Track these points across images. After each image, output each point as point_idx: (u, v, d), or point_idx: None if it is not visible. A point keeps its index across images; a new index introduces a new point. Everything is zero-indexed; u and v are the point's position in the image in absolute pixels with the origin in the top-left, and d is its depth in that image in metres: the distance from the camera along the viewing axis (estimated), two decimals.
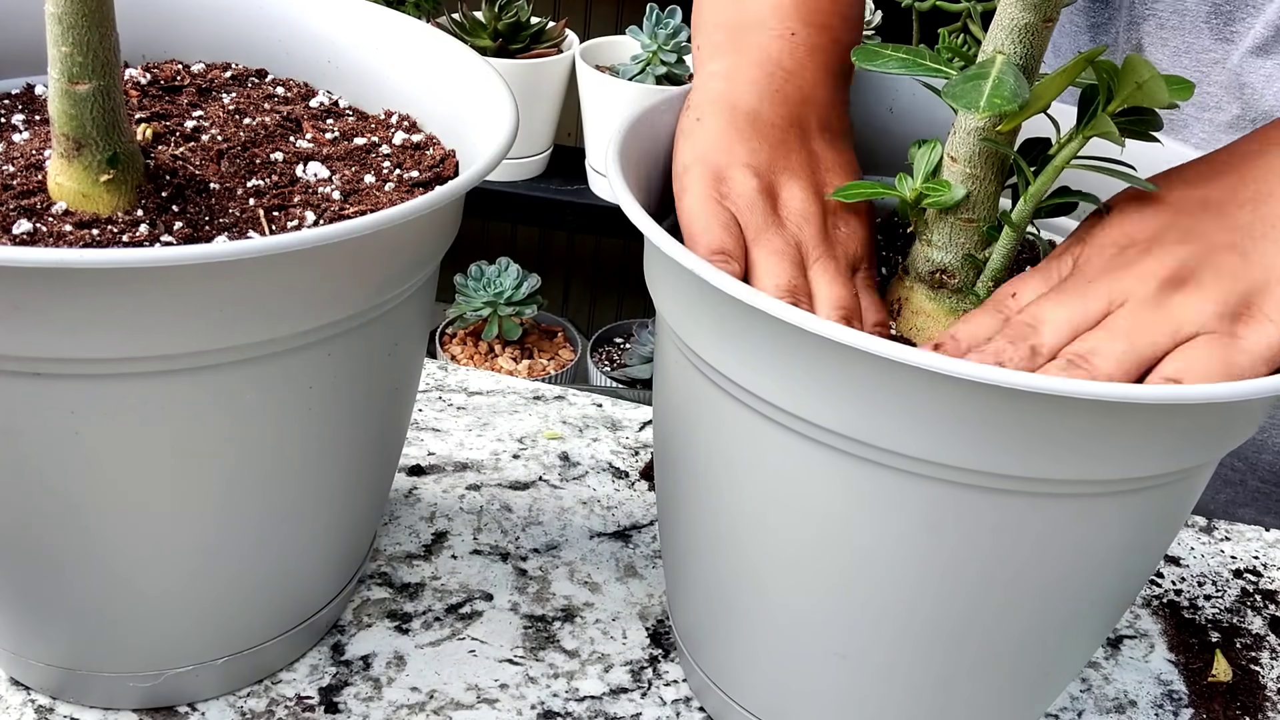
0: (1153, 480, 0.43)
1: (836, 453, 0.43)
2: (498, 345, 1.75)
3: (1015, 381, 0.38)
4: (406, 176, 0.53)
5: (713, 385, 0.46)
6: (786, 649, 0.50)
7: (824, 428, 0.42)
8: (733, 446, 0.47)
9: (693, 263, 0.42)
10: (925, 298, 0.47)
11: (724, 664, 0.55)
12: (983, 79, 0.42)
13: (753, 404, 0.44)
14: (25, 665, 0.54)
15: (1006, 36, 0.43)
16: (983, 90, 0.41)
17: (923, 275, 0.47)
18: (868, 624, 0.47)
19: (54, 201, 0.47)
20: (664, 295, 0.48)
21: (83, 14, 0.44)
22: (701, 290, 0.44)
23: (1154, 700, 0.62)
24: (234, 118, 0.57)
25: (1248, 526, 0.76)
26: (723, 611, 0.52)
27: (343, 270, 0.45)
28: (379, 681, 0.58)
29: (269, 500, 0.49)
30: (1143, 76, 0.42)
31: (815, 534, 0.46)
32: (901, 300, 0.48)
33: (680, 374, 0.49)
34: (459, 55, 0.57)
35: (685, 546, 0.53)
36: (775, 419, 0.44)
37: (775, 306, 0.40)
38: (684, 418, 0.50)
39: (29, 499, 0.45)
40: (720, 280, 0.41)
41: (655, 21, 1.52)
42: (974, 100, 0.41)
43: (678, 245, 0.43)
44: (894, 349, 0.38)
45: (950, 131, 0.46)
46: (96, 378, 0.42)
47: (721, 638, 0.53)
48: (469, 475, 0.72)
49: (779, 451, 0.45)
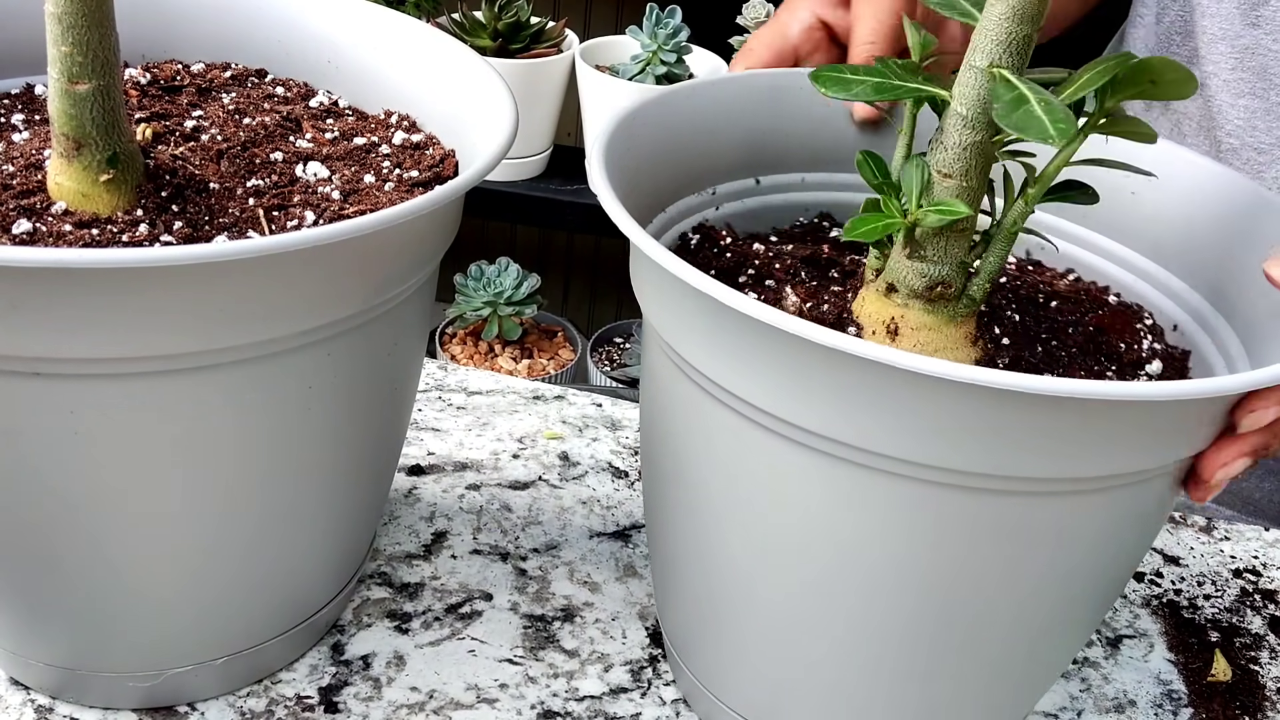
0: (1132, 477, 0.43)
1: (818, 454, 0.43)
2: (497, 345, 1.75)
3: (998, 381, 0.38)
4: (406, 176, 0.53)
5: (697, 388, 0.46)
6: (772, 649, 0.50)
7: (805, 429, 0.43)
8: (716, 448, 0.47)
9: (676, 266, 0.42)
10: (924, 312, 0.47)
11: (712, 666, 0.55)
12: (1025, 103, 0.41)
13: (736, 406, 0.45)
14: (25, 665, 0.54)
15: (1003, 51, 0.43)
16: (1040, 117, 0.41)
17: (918, 291, 0.47)
18: (851, 623, 0.47)
19: (53, 201, 0.47)
20: (649, 298, 0.49)
21: (82, 14, 0.44)
22: (684, 293, 0.44)
23: (1153, 700, 0.62)
24: (234, 118, 0.57)
25: (1248, 526, 0.76)
26: (710, 613, 0.52)
27: (343, 270, 0.45)
28: (379, 681, 0.58)
29: (268, 500, 0.49)
30: (1161, 74, 0.42)
31: (798, 535, 0.46)
32: (896, 320, 0.48)
33: (666, 377, 0.49)
34: (459, 55, 0.57)
35: (672, 550, 0.53)
36: (757, 420, 0.44)
37: (755, 309, 0.40)
38: (669, 420, 0.50)
39: (29, 499, 0.45)
40: (701, 282, 0.41)
41: (655, 21, 1.52)
42: (1043, 130, 0.40)
43: (661, 249, 0.43)
44: (874, 350, 0.38)
45: (934, 148, 0.45)
46: (96, 378, 0.42)
47: (710, 640, 0.54)
48: (469, 475, 0.72)
49: (761, 453, 0.45)
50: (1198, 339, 0.53)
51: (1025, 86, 0.42)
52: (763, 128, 0.60)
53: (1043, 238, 0.53)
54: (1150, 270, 0.57)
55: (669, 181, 0.56)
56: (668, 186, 0.56)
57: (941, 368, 0.38)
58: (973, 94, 0.43)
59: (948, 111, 0.44)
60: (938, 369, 0.38)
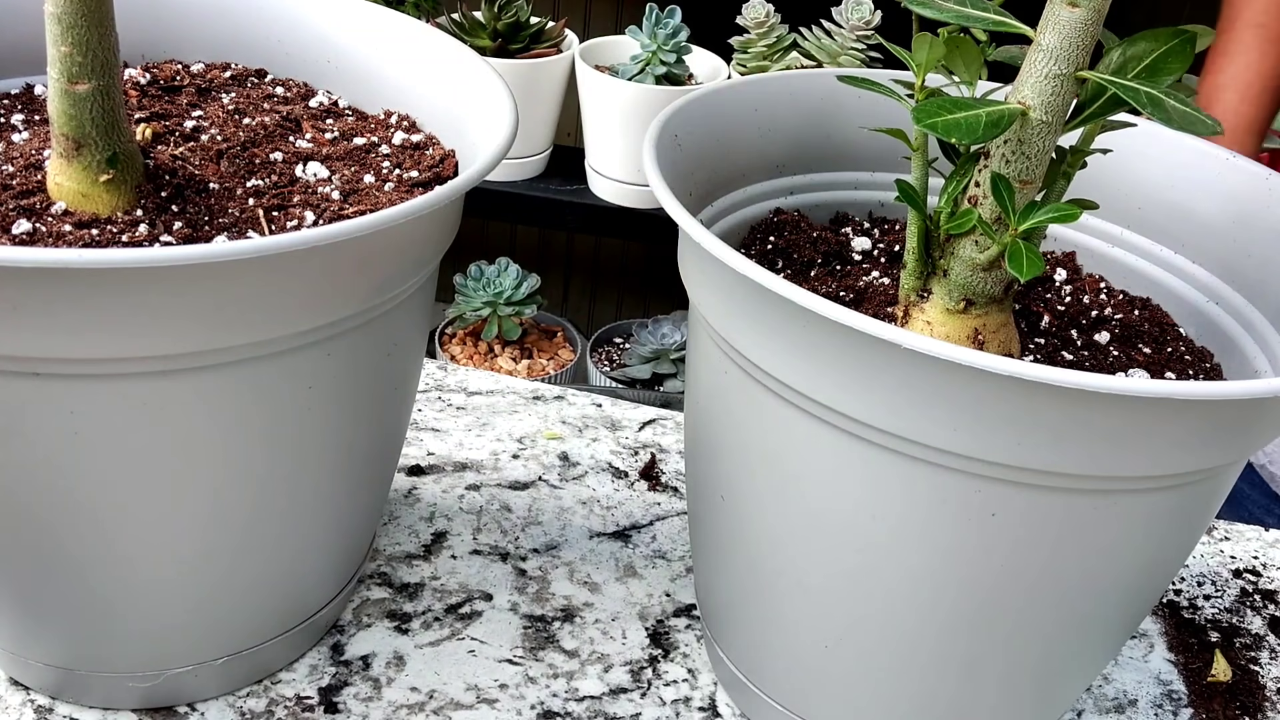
0: (1181, 478, 0.43)
1: (867, 444, 0.44)
2: (497, 345, 1.75)
3: (1049, 377, 0.38)
4: (406, 176, 0.53)
5: (746, 376, 0.47)
6: (812, 637, 0.51)
7: (855, 419, 0.43)
8: (766, 436, 0.47)
9: (733, 259, 0.43)
10: (997, 313, 0.48)
11: (751, 654, 0.55)
12: (1180, 107, 0.41)
13: (789, 396, 0.45)
14: (25, 665, 0.54)
15: (1083, 57, 0.43)
16: (1197, 110, 0.41)
17: (997, 296, 0.47)
18: (893, 613, 0.48)
19: (53, 201, 0.47)
20: (699, 287, 0.49)
21: (82, 14, 0.44)
22: (739, 285, 0.45)
23: (1154, 700, 0.62)
24: (233, 118, 0.57)
25: (1247, 526, 0.76)
26: (751, 600, 0.53)
27: (342, 270, 0.45)
28: (378, 681, 0.58)
29: (268, 500, 0.49)
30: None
31: (845, 524, 0.46)
32: (980, 331, 0.48)
33: (713, 364, 0.50)
34: (458, 55, 0.57)
35: (716, 536, 0.54)
36: (810, 410, 0.45)
37: (814, 302, 0.40)
38: (716, 407, 0.50)
39: (28, 499, 0.45)
40: (761, 276, 0.42)
41: (655, 21, 1.52)
42: (1206, 124, 0.41)
43: (716, 240, 0.43)
44: (929, 344, 0.39)
45: (1004, 159, 0.44)
46: (96, 378, 0.42)
47: (749, 627, 0.54)
48: (468, 475, 0.72)
49: (811, 442, 0.45)
50: (1224, 324, 0.54)
51: (1165, 91, 0.42)
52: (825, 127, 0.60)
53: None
54: (1167, 258, 0.57)
55: (720, 174, 0.57)
56: (719, 179, 0.57)
57: (984, 361, 0.38)
58: (1058, 102, 0.43)
59: (1027, 122, 0.43)
60: (975, 362, 0.38)
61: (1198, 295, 0.55)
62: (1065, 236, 0.60)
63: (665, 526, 0.70)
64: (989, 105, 0.43)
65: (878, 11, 1.50)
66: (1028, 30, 0.44)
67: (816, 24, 1.51)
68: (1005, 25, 0.44)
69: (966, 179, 0.46)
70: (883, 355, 0.41)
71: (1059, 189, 0.48)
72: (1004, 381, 0.39)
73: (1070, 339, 0.52)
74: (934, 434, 0.42)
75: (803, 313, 0.42)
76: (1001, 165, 0.44)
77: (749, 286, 0.44)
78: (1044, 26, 0.43)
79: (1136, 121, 0.56)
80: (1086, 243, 0.59)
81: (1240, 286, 0.54)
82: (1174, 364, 0.52)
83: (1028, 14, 0.45)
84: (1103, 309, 0.55)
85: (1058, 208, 0.44)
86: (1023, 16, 0.45)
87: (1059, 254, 0.60)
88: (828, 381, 0.43)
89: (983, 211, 0.45)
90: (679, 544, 0.69)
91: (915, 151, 0.48)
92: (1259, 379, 0.49)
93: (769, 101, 0.59)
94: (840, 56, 1.49)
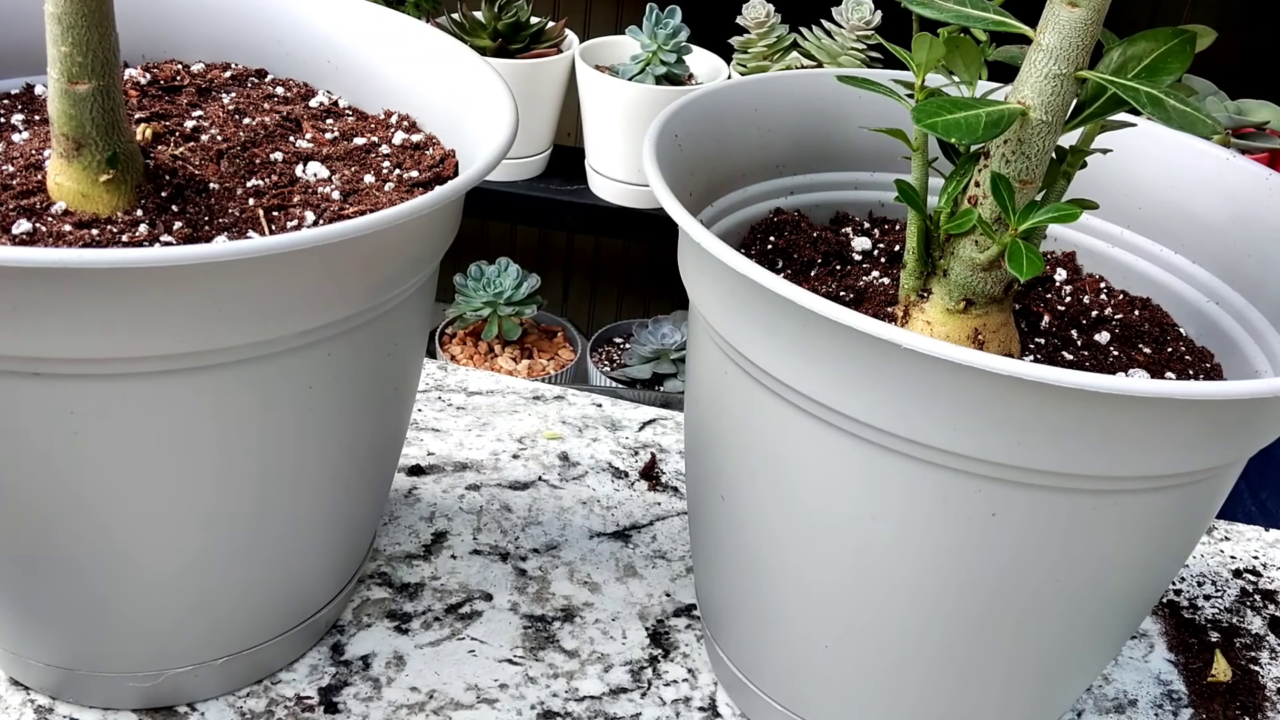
0: (1182, 478, 0.43)
1: (867, 444, 0.44)
2: (497, 345, 1.75)
3: (1050, 377, 0.38)
4: (406, 176, 0.53)
5: (746, 376, 0.47)
6: (811, 637, 0.51)
7: (855, 419, 0.43)
8: (766, 436, 0.47)
9: (733, 259, 0.43)
10: (997, 313, 0.48)
11: (751, 655, 0.55)
12: (1180, 106, 0.41)
13: (789, 396, 0.45)
14: (25, 665, 0.54)
15: (1083, 58, 0.43)
16: (1197, 110, 0.41)
17: (997, 295, 0.47)
18: (894, 614, 0.48)
19: (53, 201, 0.47)
20: (699, 287, 0.49)
21: (82, 14, 0.44)
22: (740, 286, 0.45)
23: (1154, 700, 0.62)
24: (234, 118, 0.57)
25: (1247, 526, 0.76)
26: (751, 600, 0.53)
27: (342, 270, 0.45)
28: (379, 681, 0.58)
29: (268, 500, 0.49)
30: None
31: (846, 524, 0.46)
32: (980, 330, 0.48)
33: (713, 364, 0.50)
34: (459, 55, 0.57)
35: (716, 536, 0.54)
36: (806, 409, 0.45)
37: (814, 302, 0.40)
38: (716, 406, 0.50)
39: (28, 499, 0.45)
40: (761, 276, 0.42)
41: (655, 21, 1.52)
42: (1206, 124, 0.41)
43: (717, 240, 0.43)
44: (929, 344, 0.39)
45: (1003, 159, 0.44)
46: (96, 378, 0.42)
47: (749, 627, 0.54)
48: (469, 475, 0.72)
49: (811, 442, 0.45)
50: (1224, 324, 0.54)
51: (1168, 92, 0.42)
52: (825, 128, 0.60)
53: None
54: (1167, 258, 0.57)
55: (720, 174, 0.57)
56: (719, 178, 0.57)
57: (985, 362, 0.38)
58: (1058, 101, 0.43)
59: (1027, 122, 0.43)
60: (977, 362, 0.38)
61: (1198, 295, 0.55)
62: (1065, 236, 0.60)
63: (665, 526, 0.70)
64: (989, 105, 0.43)
65: (878, 11, 1.50)
66: (1028, 30, 0.44)
67: (816, 24, 1.51)
68: (1005, 25, 0.44)
69: (966, 179, 0.46)
70: (883, 355, 0.41)
71: (1059, 189, 0.48)
72: (1004, 381, 0.39)
73: (1070, 339, 0.52)
74: (934, 434, 0.42)
75: (803, 312, 0.42)
76: (1001, 165, 0.44)
77: (749, 286, 0.44)
78: (1044, 26, 0.43)
79: (1136, 121, 0.56)
80: (1086, 243, 0.59)
81: (1240, 286, 0.54)
82: (1174, 364, 0.52)
83: (1028, 14, 0.45)
84: (1103, 309, 0.55)
85: (1058, 208, 0.44)
86: (1023, 16, 0.45)
87: (1059, 254, 0.60)
88: (828, 381, 0.43)
89: (983, 211, 0.45)
90: (679, 544, 0.69)
91: (915, 151, 0.48)
92: (1259, 379, 0.49)
93: (769, 101, 0.59)
94: (840, 56, 1.49)
